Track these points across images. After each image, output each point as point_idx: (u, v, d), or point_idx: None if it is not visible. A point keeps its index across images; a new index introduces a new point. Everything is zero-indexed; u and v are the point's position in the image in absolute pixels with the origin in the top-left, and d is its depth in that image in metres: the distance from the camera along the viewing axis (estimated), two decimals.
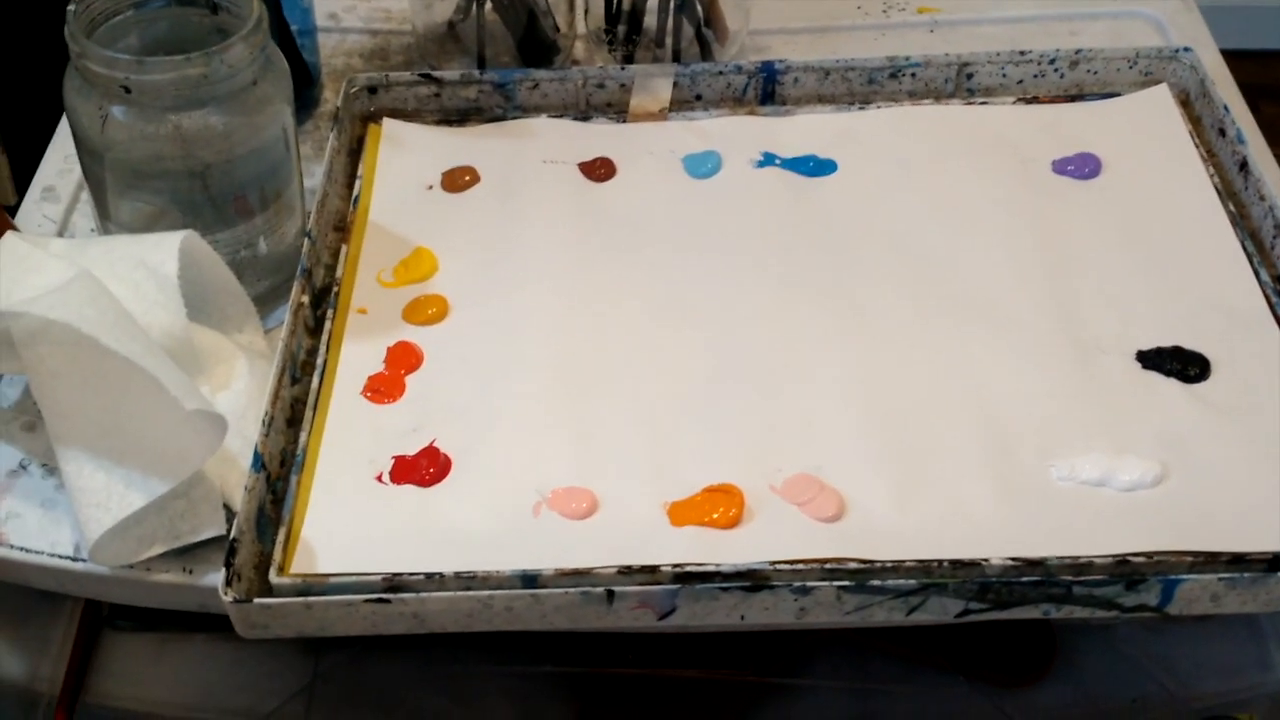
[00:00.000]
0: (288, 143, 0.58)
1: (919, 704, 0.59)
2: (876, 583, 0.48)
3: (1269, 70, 1.79)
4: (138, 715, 0.60)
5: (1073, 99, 0.70)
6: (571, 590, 0.48)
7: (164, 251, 0.53)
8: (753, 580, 0.49)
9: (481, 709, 0.59)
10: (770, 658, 0.60)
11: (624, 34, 0.72)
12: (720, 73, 0.70)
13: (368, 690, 0.59)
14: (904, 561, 0.49)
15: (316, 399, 0.56)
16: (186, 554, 0.52)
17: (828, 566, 0.49)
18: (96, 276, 0.51)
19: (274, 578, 0.50)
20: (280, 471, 0.54)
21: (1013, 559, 0.49)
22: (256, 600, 0.48)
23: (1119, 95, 0.70)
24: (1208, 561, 0.49)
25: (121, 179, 0.55)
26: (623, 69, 0.70)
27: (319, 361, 0.57)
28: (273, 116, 0.56)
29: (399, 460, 0.54)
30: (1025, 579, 0.48)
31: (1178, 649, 0.60)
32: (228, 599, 0.48)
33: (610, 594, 0.48)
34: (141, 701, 0.61)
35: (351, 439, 0.55)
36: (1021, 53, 0.70)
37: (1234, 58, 0.74)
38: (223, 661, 0.61)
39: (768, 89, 0.71)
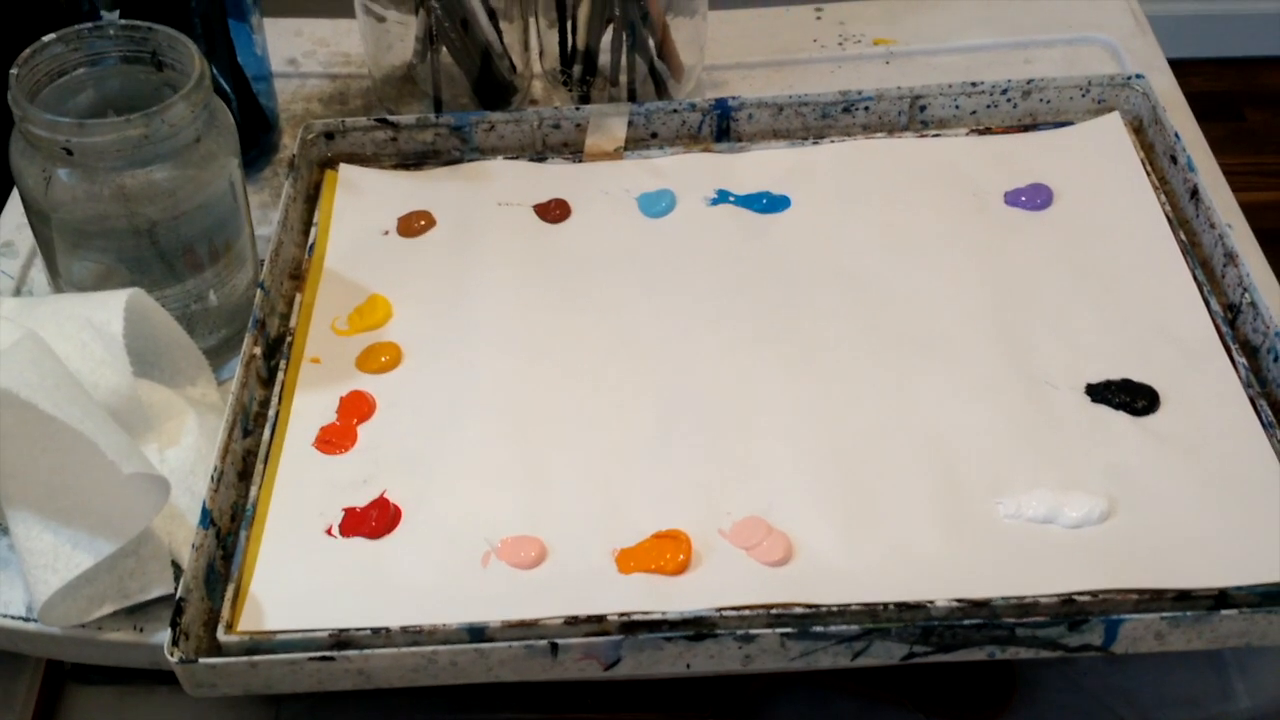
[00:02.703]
0: (235, 195, 0.58)
1: None
2: (819, 629, 0.48)
3: (1253, 77, 1.79)
4: None
5: (1026, 129, 0.70)
6: (515, 644, 0.48)
7: (109, 310, 0.53)
8: (698, 628, 0.49)
9: None
10: (732, 700, 0.60)
11: (579, 74, 0.73)
12: (675, 110, 0.70)
13: None
14: (849, 605, 0.49)
15: (268, 451, 0.56)
16: (137, 612, 0.52)
17: (774, 612, 0.49)
18: (42, 337, 0.51)
19: (222, 635, 0.50)
20: (231, 526, 0.54)
21: (958, 600, 0.49)
22: (201, 660, 0.48)
23: (1072, 124, 0.70)
24: (1154, 599, 0.49)
25: (68, 239, 0.55)
26: (578, 109, 0.70)
27: (271, 413, 0.58)
28: (218, 171, 0.56)
29: (349, 512, 0.54)
30: (967, 622, 0.48)
31: (1139, 681, 0.60)
32: (173, 659, 0.48)
33: (554, 646, 0.48)
34: None
35: (302, 491, 0.55)
36: (973, 84, 0.70)
37: (1219, 65, 0.74)
38: (184, 713, 0.61)
39: (722, 125, 0.71)
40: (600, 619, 0.49)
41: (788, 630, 0.48)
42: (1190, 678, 0.60)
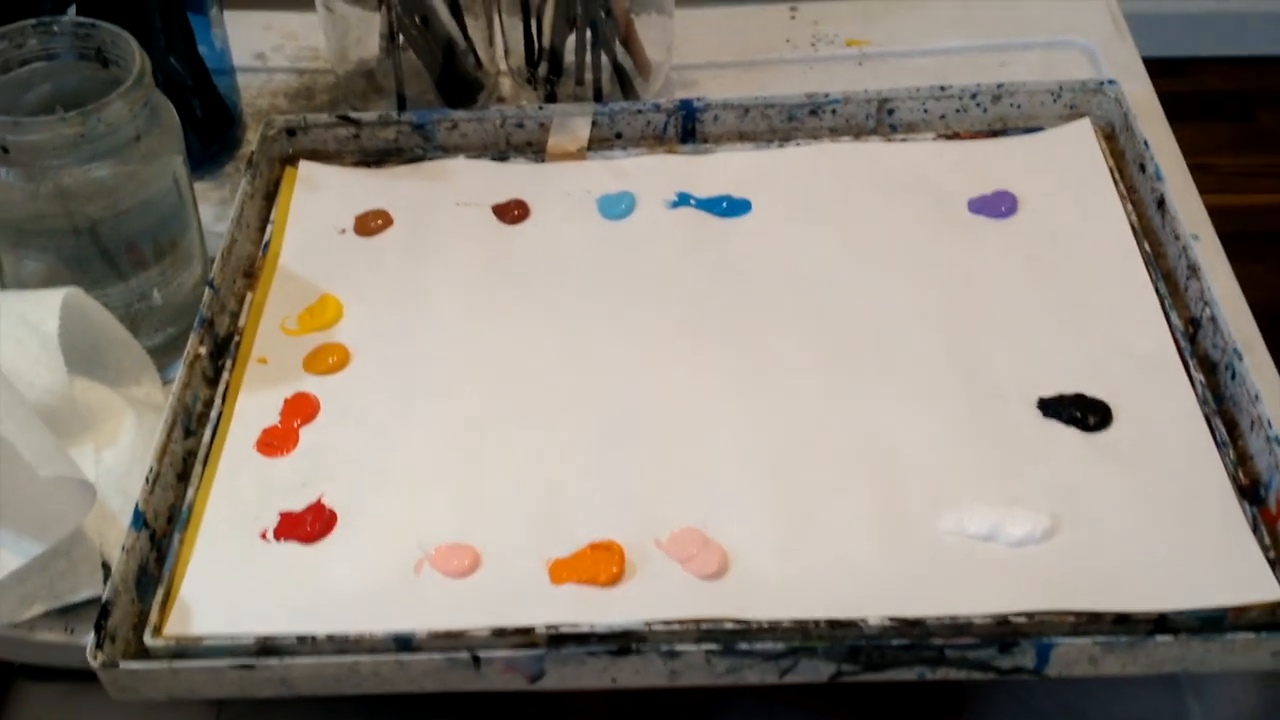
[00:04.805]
0: (180, 192, 0.58)
1: None
2: (745, 646, 0.47)
3: (1273, 77, 1.76)
4: None
5: (996, 134, 0.69)
6: (437, 655, 0.47)
7: (45, 308, 0.53)
8: (624, 642, 0.48)
9: None
10: (679, 711, 0.60)
11: (544, 72, 0.72)
12: (639, 111, 0.70)
13: None
14: (780, 622, 0.48)
15: (208, 453, 0.56)
16: (70, 613, 0.52)
17: (703, 627, 0.49)
18: None
19: (148, 639, 0.49)
20: (167, 528, 0.54)
21: (891, 618, 0.48)
22: (122, 665, 0.48)
23: (1042, 130, 0.68)
24: (1091, 621, 0.48)
25: (9, 237, 0.55)
26: (541, 108, 0.70)
27: (214, 413, 0.57)
28: (161, 169, 0.56)
29: (285, 516, 0.54)
30: (895, 642, 0.47)
31: (1091, 701, 0.59)
32: (95, 663, 0.48)
33: (476, 659, 0.47)
34: None
35: (239, 494, 0.55)
36: (942, 87, 0.69)
37: (1231, 64, 0.72)
38: (129, 712, 0.60)
39: (688, 127, 0.70)
40: (528, 631, 0.49)
41: (712, 647, 0.47)
42: (1145, 699, 0.60)
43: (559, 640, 0.49)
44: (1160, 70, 0.77)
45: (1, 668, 0.63)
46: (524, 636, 0.49)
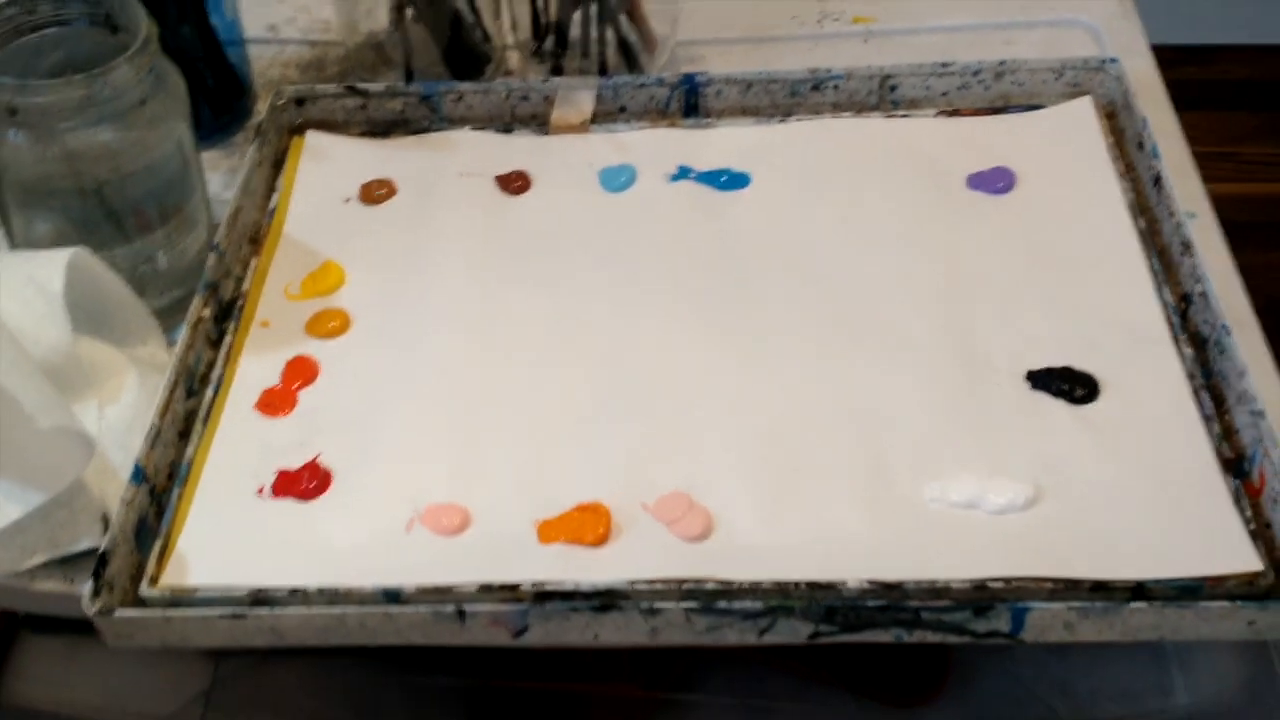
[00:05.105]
0: (185, 158, 0.59)
1: None
2: (724, 605, 0.48)
3: None
4: (46, 716, 0.61)
5: (997, 111, 0.69)
6: (423, 609, 0.48)
7: (51, 268, 0.54)
8: (607, 600, 0.49)
9: (376, 717, 0.60)
10: (664, 672, 0.61)
11: (551, 46, 0.73)
12: (643, 85, 0.70)
13: (265, 695, 0.60)
14: (761, 583, 0.49)
15: (209, 412, 0.57)
16: (69, 564, 0.54)
17: (685, 587, 0.49)
18: None
19: (144, 589, 0.51)
20: (167, 484, 0.55)
21: (870, 581, 0.49)
22: (116, 612, 0.49)
23: (1044, 107, 0.69)
24: (1069, 588, 0.49)
25: (19, 198, 0.56)
26: (546, 81, 0.70)
27: (215, 374, 0.59)
28: (166, 134, 0.57)
29: (281, 474, 0.55)
30: (871, 603, 0.48)
31: (1077, 672, 0.60)
32: (91, 610, 0.49)
33: (461, 612, 0.48)
34: (52, 703, 0.62)
35: (238, 452, 0.56)
36: (944, 64, 0.69)
37: (1257, 53, 0.71)
38: (130, 664, 0.62)
39: (691, 101, 0.71)
40: (514, 587, 0.50)
41: (692, 605, 0.48)
42: (1130, 671, 0.60)
43: (544, 597, 0.50)
44: (1185, 58, 0.77)
45: (6, 620, 0.65)
46: (510, 593, 0.50)
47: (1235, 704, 0.58)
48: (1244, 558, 0.49)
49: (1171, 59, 0.75)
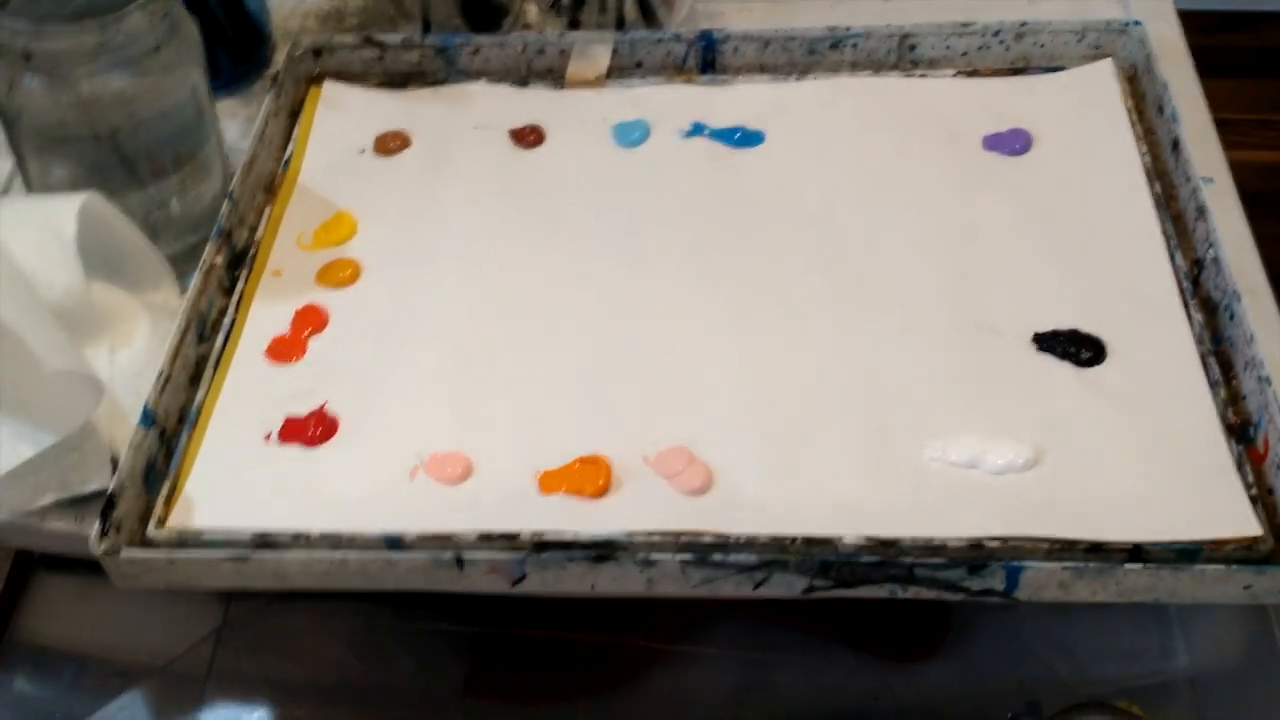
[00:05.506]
0: (199, 105, 0.59)
1: (803, 674, 0.59)
2: (719, 557, 0.48)
3: None
4: (59, 653, 0.63)
5: (1017, 73, 0.69)
6: (423, 555, 0.49)
7: (65, 213, 0.55)
8: (603, 551, 0.49)
9: (380, 661, 0.61)
10: (665, 624, 0.61)
11: (569, 0, 0.73)
12: (659, 41, 0.70)
13: (272, 638, 0.61)
14: (758, 537, 0.50)
15: (219, 358, 0.58)
16: (80, 504, 0.55)
17: (683, 540, 0.50)
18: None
19: (151, 530, 0.52)
20: (176, 428, 0.56)
21: (867, 538, 0.49)
22: (123, 553, 0.50)
23: (1064, 69, 0.68)
24: (1065, 549, 0.49)
25: (34, 143, 0.57)
26: (562, 35, 0.70)
27: (227, 321, 0.59)
28: (179, 80, 0.57)
29: (289, 421, 0.55)
30: (866, 559, 0.48)
31: (1078, 633, 0.60)
32: (98, 550, 0.50)
33: (460, 560, 0.49)
34: (66, 640, 0.63)
35: (247, 398, 0.57)
36: (964, 24, 0.68)
37: None
38: (141, 604, 0.63)
39: (707, 58, 0.70)
40: (513, 536, 0.50)
41: (687, 557, 0.48)
42: (1132, 632, 0.60)
43: (543, 547, 0.50)
44: (1226, 24, 0.76)
45: (21, 560, 0.66)
46: (509, 542, 0.50)
47: (1236, 668, 0.58)
48: (1244, 522, 0.49)
49: (1215, 25, 0.74)
